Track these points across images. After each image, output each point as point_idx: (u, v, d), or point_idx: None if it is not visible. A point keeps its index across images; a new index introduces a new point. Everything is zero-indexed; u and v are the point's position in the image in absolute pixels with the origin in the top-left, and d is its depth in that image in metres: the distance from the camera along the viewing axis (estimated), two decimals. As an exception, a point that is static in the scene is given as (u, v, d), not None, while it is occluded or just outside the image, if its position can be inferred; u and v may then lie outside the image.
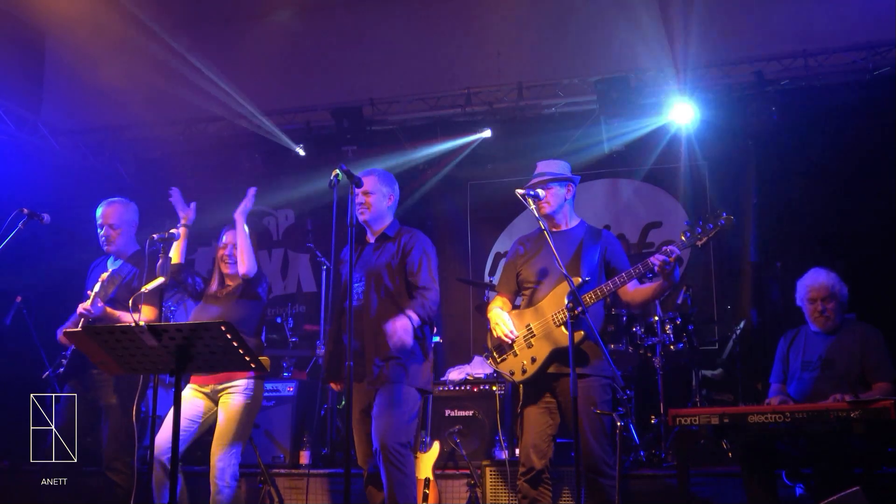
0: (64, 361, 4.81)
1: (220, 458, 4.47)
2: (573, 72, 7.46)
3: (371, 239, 4.43)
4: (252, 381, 4.61)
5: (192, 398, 4.59)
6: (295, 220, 8.65)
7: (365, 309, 4.25)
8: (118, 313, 4.74)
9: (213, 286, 4.83)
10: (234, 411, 4.55)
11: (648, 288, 4.15)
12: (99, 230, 4.96)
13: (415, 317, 4.11)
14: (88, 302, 4.63)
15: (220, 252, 4.81)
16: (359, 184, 4.06)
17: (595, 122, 7.35)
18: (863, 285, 5.22)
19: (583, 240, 4.26)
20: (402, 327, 4.03)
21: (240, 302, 4.71)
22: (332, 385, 4.59)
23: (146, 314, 4.77)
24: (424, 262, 4.28)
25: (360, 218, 4.34)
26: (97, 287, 4.67)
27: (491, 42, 7.71)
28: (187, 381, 4.68)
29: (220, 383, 4.59)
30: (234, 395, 4.57)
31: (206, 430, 4.64)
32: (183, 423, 4.33)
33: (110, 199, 5.04)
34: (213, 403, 4.63)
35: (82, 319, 4.63)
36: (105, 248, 4.97)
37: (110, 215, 4.96)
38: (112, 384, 4.71)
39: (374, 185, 4.37)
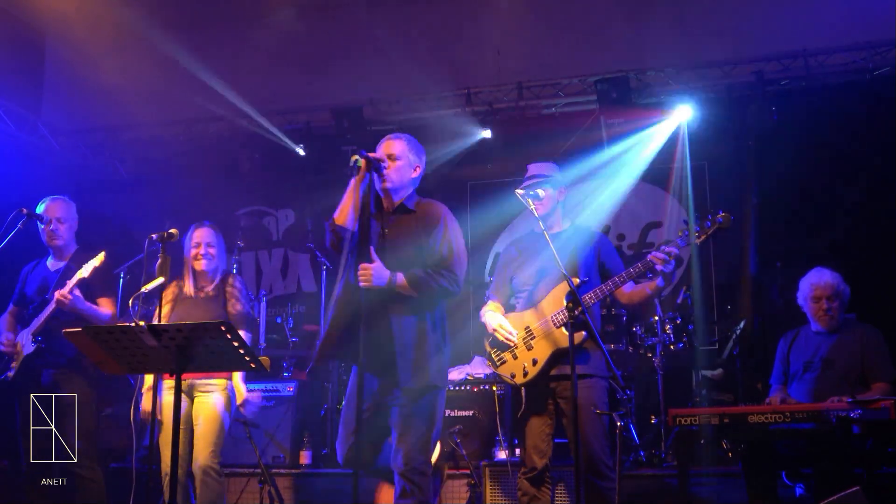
0: (14, 365, 4.73)
1: (207, 457, 4.39)
2: (573, 72, 7.46)
3: (389, 210, 3.89)
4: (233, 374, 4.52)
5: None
6: (295, 220, 8.65)
7: (380, 293, 3.66)
8: (88, 304, 4.71)
9: (189, 287, 4.70)
10: (217, 410, 4.45)
11: (644, 287, 4.14)
12: (44, 226, 4.90)
13: (401, 277, 3.64)
14: (67, 289, 4.56)
15: (193, 251, 4.68)
16: (380, 172, 3.74)
17: (595, 122, 7.34)
18: (863, 285, 5.22)
19: (576, 241, 4.27)
20: (376, 271, 3.60)
21: (218, 306, 4.66)
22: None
23: (105, 307, 4.79)
24: (455, 249, 3.82)
25: (380, 185, 3.80)
26: (75, 279, 4.60)
27: (491, 42, 7.70)
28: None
29: (200, 379, 4.47)
30: (215, 392, 4.48)
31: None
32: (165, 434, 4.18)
33: (53, 196, 5.00)
34: (190, 400, 4.52)
35: (53, 309, 4.60)
36: (51, 242, 4.92)
37: (56, 209, 4.93)
38: (74, 383, 4.68)
39: (402, 149, 3.87)
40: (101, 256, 4.64)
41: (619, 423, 3.85)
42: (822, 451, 4.22)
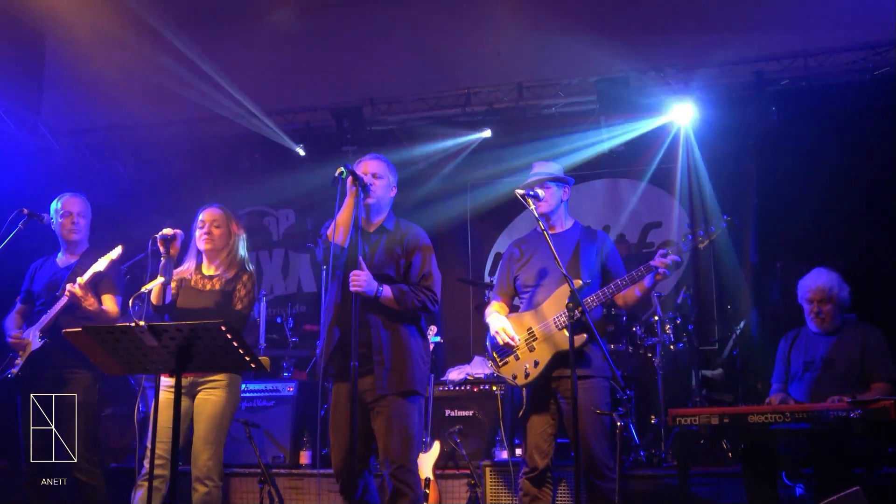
0: (18, 362, 4.70)
1: (210, 456, 4.29)
2: (573, 72, 7.45)
3: (369, 229, 4.10)
4: (232, 374, 4.41)
5: (170, 400, 4.13)
6: (295, 220, 8.65)
7: (364, 304, 3.86)
8: (93, 300, 4.68)
9: (190, 271, 4.53)
10: (219, 407, 4.35)
11: (635, 288, 4.17)
12: (62, 219, 4.89)
13: (387, 290, 3.87)
14: (81, 283, 4.53)
15: (198, 232, 4.55)
16: (366, 191, 3.91)
17: (595, 122, 7.35)
18: (863, 285, 5.21)
19: (579, 241, 4.28)
20: (367, 278, 3.81)
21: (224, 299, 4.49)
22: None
23: (108, 303, 4.77)
24: (433, 271, 4.06)
25: (362, 202, 3.94)
26: (90, 272, 4.57)
27: (491, 42, 7.70)
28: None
29: (201, 377, 4.34)
30: (217, 389, 4.36)
31: (185, 429, 4.39)
32: (165, 433, 4.06)
33: (70, 192, 5.00)
34: (190, 400, 4.38)
35: (64, 305, 4.57)
36: (70, 236, 4.91)
37: (76, 203, 4.94)
38: (80, 382, 4.67)
39: (382, 169, 4.09)
40: (118, 250, 4.60)
41: (619, 423, 3.86)
42: (822, 451, 4.22)
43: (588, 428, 3.93)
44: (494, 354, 4.25)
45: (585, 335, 4.01)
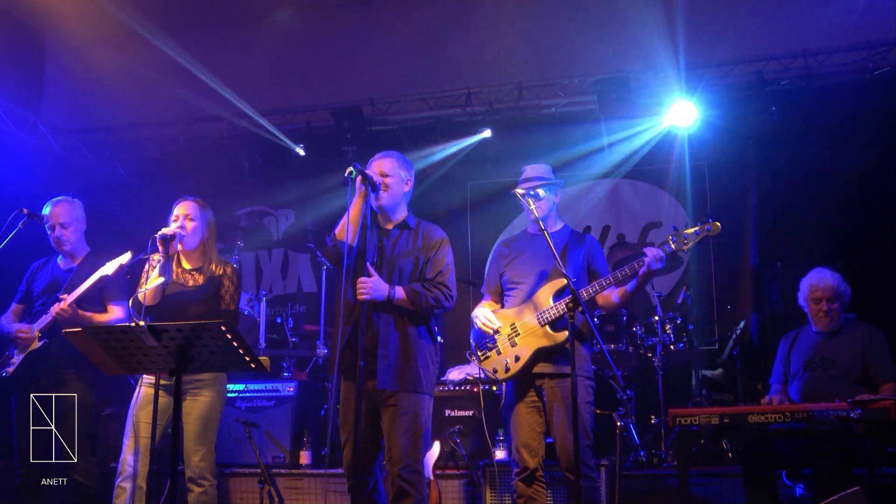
0: (14, 361, 4.66)
1: (202, 457, 4.28)
2: (573, 72, 7.45)
3: (387, 226, 4.10)
4: (219, 372, 4.39)
5: (149, 397, 4.16)
6: (295, 220, 8.65)
7: (375, 304, 3.86)
8: (89, 314, 4.63)
9: (174, 268, 4.46)
10: (207, 407, 4.33)
11: (613, 293, 4.20)
12: (49, 231, 4.83)
13: (400, 292, 3.87)
14: (65, 303, 4.49)
15: (173, 226, 4.41)
16: (375, 188, 3.93)
17: (595, 122, 7.35)
18: (863, 285, 5.22)
19: (567, 242, 4.33)
20: (374, 284, 3.82)
21: (210, 296, 4.45)
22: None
23: (113, 311, 4.74)
24: (450, 265, 4.08)
25: (375, 203, 3.99)
26: (81, 290, 4.53)
27: (491, 42, 7.70)
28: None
29: (189, 375, 4.24)
30: (203, 389, 4.33)
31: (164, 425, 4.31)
32: (150, 429, 4.06)
33: (56, 199, 4.90)
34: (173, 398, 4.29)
35: (52, 321, 4.53)
36: (59, 248, 4.85)
37: (60, 214, 4.82)
38: (76, 383, 4.65)
39: (392, 167, 4.07)
40: (127, 255, 4.52)
41: (619, 424, 3.86)
42: (822, 451, 4.22)
43: (567, 425, 3.91)
44: (476, 347, 4.27)
45: (567, 333, 4.01)
